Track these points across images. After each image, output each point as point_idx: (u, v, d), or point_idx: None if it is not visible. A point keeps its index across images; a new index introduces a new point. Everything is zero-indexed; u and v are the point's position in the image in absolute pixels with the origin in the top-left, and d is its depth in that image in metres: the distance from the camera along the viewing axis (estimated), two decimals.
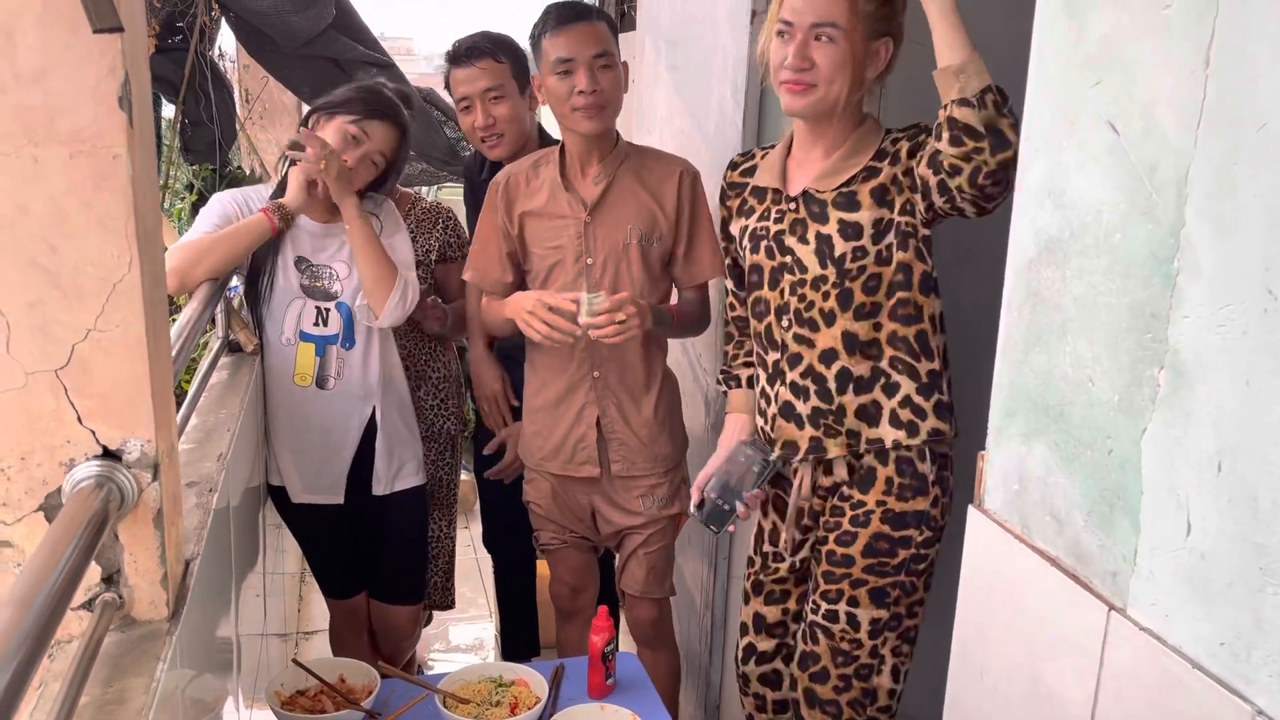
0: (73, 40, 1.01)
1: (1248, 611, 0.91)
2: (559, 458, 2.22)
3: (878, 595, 1.77)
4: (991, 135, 1.46)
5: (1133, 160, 1.03)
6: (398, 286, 2.15)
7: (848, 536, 1.78)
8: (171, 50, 3.65)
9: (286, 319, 2.19)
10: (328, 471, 2.28)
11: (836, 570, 1.79)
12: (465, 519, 4.34)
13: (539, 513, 2.32)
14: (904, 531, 1.75)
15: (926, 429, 1.73)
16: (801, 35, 1.66)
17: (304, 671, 1.82)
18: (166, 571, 1.16)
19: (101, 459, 1.10)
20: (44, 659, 1.03)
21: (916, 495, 1.75)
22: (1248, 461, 0.90)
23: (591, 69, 2.05)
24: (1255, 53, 0.89)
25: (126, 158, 1.04)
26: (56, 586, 0.90)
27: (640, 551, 2.29)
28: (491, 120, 2.40)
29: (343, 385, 2.23)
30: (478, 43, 2.42)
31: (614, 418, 2.18)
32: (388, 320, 2.18)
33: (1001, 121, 1.46)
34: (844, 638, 1.80)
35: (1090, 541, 1.11)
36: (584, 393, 2.17)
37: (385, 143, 2.19)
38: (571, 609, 2.38)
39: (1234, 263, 0.91)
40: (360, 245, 2.12)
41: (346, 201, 2.11)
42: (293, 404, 2.23)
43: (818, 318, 1.77)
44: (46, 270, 1.05)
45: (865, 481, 1.77)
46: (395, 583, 2.45)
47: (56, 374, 1.07)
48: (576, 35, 2.05)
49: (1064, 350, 1.15)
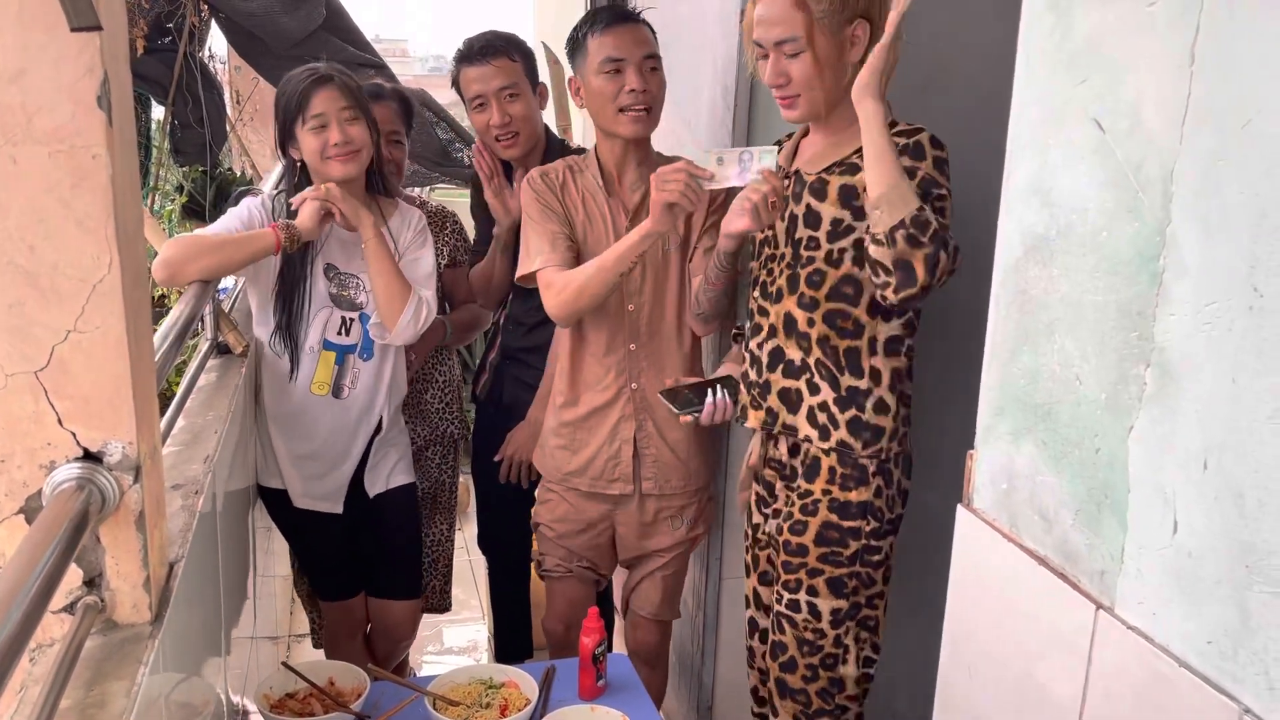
0: (50, 39, 1.00)
1: (1235, 610, 0.90)
2: (588, 474, 2.17)
3: (835, 585, 1.80)
4: (899, 271, 1.55)
5: (1119, 158, 1.03)
6: (411, 304, 2.14)
7: (799, 526, 1.82)
8: (161, 51, 3.63)
9: (313, 328, 2.19)
10: (331, 480, 2.28)
11: (793, 560, 1.83)
12: (459, 521, 4.33)
13: (549, 536, 2.26)
14: (852, 522, 1.78)
15: (836, 438, 1.77)
16: (773, 53, 1.71)
17: (293, 674, 1.81)
18: (149, 574, 1.15)
19: (82, 461, 1.09)
20: (24, 662, 1.02)
21: (858, 485, 1.78)
22: (1234, 459, 0.90)
23: (641, 70, 2.02)
24: (1240, 49, 0.88)
25: (106, 157, 1.03)
26: (35, 589, 0.89)
27: (658, 574, 2.26)
28: (508, 118, 2.38)
29: (355, 395, 2.24)
30: (492, 41, 2.40)
31: (650, 433, 2.13)
32: (399, 339, 2.18)
33: (915, 254, 1.53)
34: (807, 627, 1.83)
35: (1078, 540, 1.11)
36: (621, 406, 2.13)
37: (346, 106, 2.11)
38: (565, 643, 2.29)
39: (1220, 260, 0.91)
40: (374, 262, 2.13)
41: (363, 221, 2.11)
42: (306, 411, 2.22)
43: (774, 293, 1.82)
44: (25, 271, 1.04)
45: (811, 471, 1.81)
46: (393, 579, 2.44)
47: (36, 375, 1.07)
48: (628, 35, 2.03)
49: (1051, 349, 1.15)
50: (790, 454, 1.85)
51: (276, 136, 2.19)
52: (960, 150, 1.79)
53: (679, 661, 2.83)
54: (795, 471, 1.85)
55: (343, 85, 2.11)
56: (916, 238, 1.52)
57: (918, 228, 1.52)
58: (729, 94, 2.35)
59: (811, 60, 1.68)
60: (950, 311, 1.89)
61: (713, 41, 2.46)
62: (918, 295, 1.56)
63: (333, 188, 2.09)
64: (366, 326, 2.22)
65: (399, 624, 2.49)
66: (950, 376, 1.92)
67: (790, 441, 1.84)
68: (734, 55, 2.32)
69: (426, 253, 2.27)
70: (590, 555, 2.26)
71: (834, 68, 1.70)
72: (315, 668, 1.86)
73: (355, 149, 2.11)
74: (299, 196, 2.11)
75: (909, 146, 1.69)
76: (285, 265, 2.16)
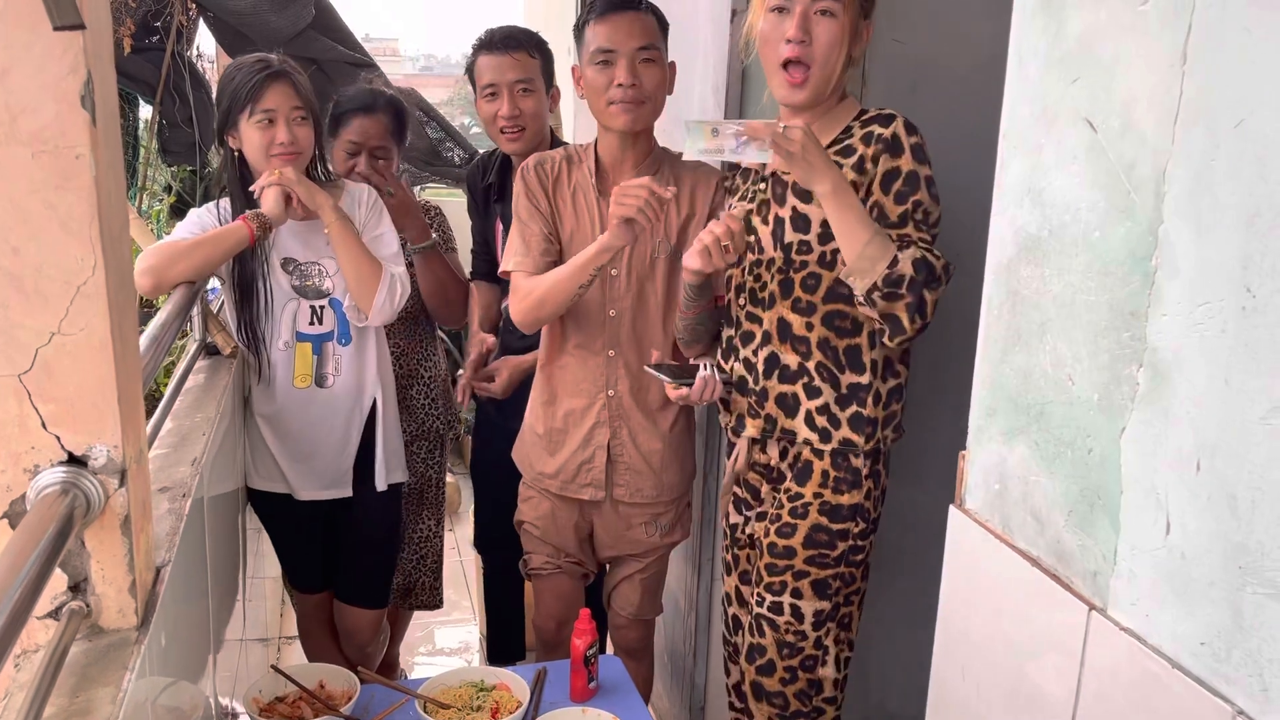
0: (33, 38, 0.99)
1: (1228, 611, 0.90)
2: (560, 476, 2.15)
3: (820, 587, 1.80)
4: (888, 323, 1.63)
5: (1111, 158, 1.03)
6: (384, 283, 2.11)
7: (788, 529, 1.81)
8: (148, 50, 3.61)
9: (282, 323, 2.17)
10: (335, 468, 2.26)
11: (779, 562, 1.81)
12: (450, 521, 4.32)
13: (534, 534, 2.25)
14: (841, 524, 1.79)
15: (838, 438, 1.76)
16: (801, 8, 1.66)
17: (283, 678, 1.80)
18: (135, 579, 1.14)
19: (66, 465, 1.08)
20: (8, 668, 1.01)
21: (851, 489, 1.78)
22: (1227, 460, 0.90)
23: (633, 62, 1.95)
24: (1232, 49, 0.88)
25: (90, 158, 1.02)
26: (20, 594, 0.88)
27: (636, 576, 2.25)
28: (518, 111, 2.37)
29: (341, 381, 2.21)
30: (515, 34, 2.39)
31: (624, 441, 2.11)
32: (378, 319, 2.15)
33: (896, 307, 1.60)
34: (789, 630, 1.82)
35: (1071, 541, 1.11)
36: (596, 411, 2.10)
37: (289, 98, 2.10)
38: (557, 641, 2.28)
39: (1213, 260, 0.91)
40: (341, 245, 2.10)
41: (322, 205, 2.08)
42: (295, 407, 2.20)
43: (765, 299, 1.80)
44: (8, 273, 1.03)
45: (802, 474, 1.80)
46: (358, 586, 2.41)
47: (19, 378, 1.05)
48: (621, 24, 1.96)
49: (1043, 349, 1.15)
50: (780, 457, 1.84)
51: (217, 122, 2.16)
52: (951, 149, 1.79)
53: (671, 662, 2.82)
54: (783, 474, 1.84)
55: (296, 83, 2.09)
56: (894, 293, 1.59)
57: (892, 285, 1.58)
58: (719, 91, 2.35)
59: (844, 27, 1.65)
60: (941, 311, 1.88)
61: (704, 40, 2.45)
62: (913, 337, 1.64)
63: (288, 172, 2.05)
64: (340, 311, 2.18)
65: (360, 629, 2.44)
66: (941, 376, 1.92)
67: (781, 445, 1.83)
68: (724, 54, 2.32)
69: (386, 228, 2.23)
70: (574, 552, 2.24)
71: (847, 50, 1.68)
72: (305, 671, 1.85)
73: (298, 150, 2.09)
74: (257, 184, 2.09)
75: (886, 141, 1.67)
76: (236, 265, 2.13)
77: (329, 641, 2.47)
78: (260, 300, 2.15)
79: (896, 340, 1.64)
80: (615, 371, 2.09)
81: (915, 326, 1.61)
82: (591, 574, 2.33)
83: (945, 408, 1.79)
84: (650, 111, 2.01)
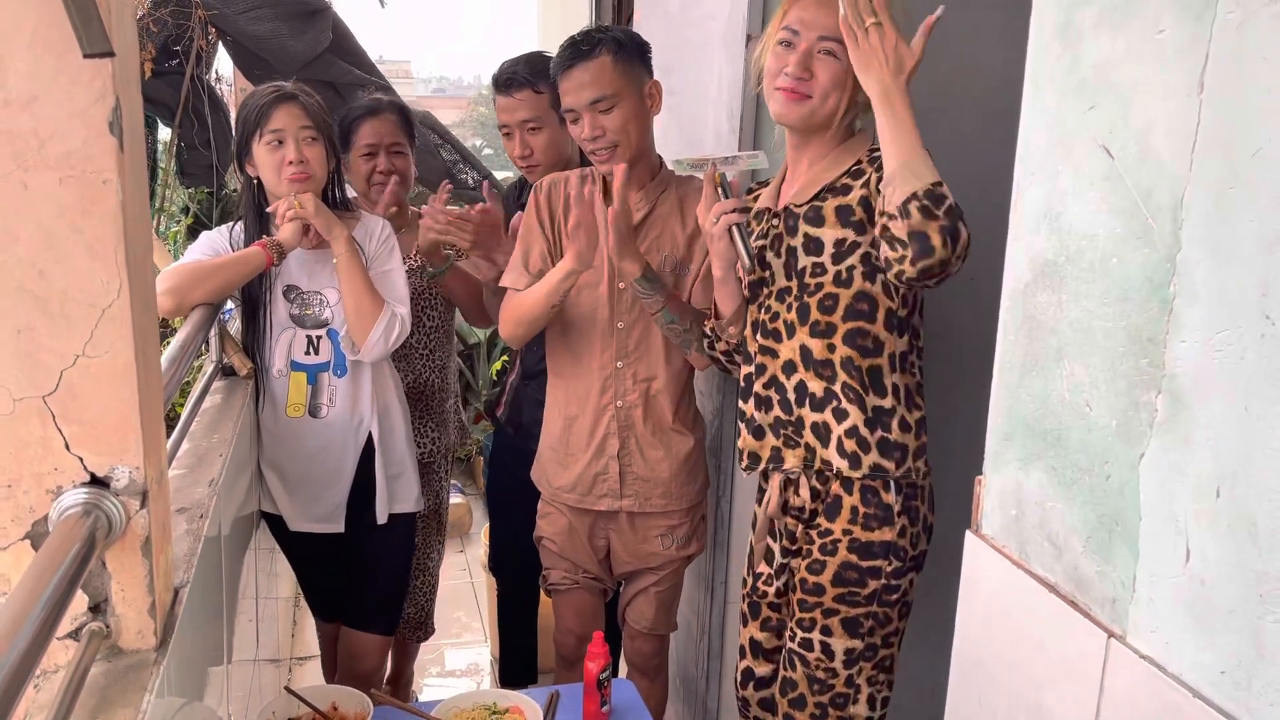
0: (63, 65, 1.00)
1: (1248, 639, 0.90)
2: (576, 490, 2.18)
3: (850, 625, 1.77)
4: (915, 242, 1.50)
5: (1128, 185, 1.03)
6: (382, 320, 2.11)
7: (817, 565, 1.78)
8: (168, 74, 3.66)
9: (277, 350, 2.17)
10: (326, 500, 2.25)
11: (809, 599, 1.79)
12: (460, 543, 4.32)
13: (552, 549, 2.26)
14: (872, 562, 1.74)
15: (868, 463, 1.73)
16: (806, 46, 1.68)
17: (296, 699, 1.79)
18: (155, 600, 1.14)
19: (89, 486, 1.09)
20: (29, 690, 1.02)
21: (882, 525, 1.74)
22: (1247, 487, 0.89)
23: (592, 115, 2.01)
24: (1249, 77, 0.89)
25: (117, 183, 1.03)
26: (42, 616, 0.89)
27: (652, 589, 2.26)
28: (529, 150, 2.42)
29: (335, 413, 2.20)
30: (518, 72, 2.40)
31: (632, 451, 2.14)
32: (369, 355, 2.14)
33: (929, 225, 1.49)
34: (819, 666, 1.80)
35: (1089, 567, 1.10)
36: (606, 423, 2.14)
37: (300, 118, 2.11)
38: (576, 657, 2.27)
39: (1231, 287, 0.91)
40: (345, 276, 2.10)
41: (336, 235, 2.09)
42: (287, 435, 2.20)
43: (781, 329, 1.79)
44: (35, 296, 1.04)
45: (831, 510, 1.77)
46: (366, 612, 2.39)
47: (44, 400, 1.06)
48: (573, 82, 2.02)
49: (1060, 375, 1.15)
50: (812, 498, 1.80)
51: (235, 151, 2.19)
52: (967, 174, 1.79)
53: (683, 685, 2.81)
54: (815, 513, 1.81)
55: (305, 105, 2.10)
56: (930, 209, 1.48)
57: (932, 200, 1.49)
58: (734, 117, 2.36)
59: (847, 69, 1.65)
60: (956, 335, 1.89)
61: (718, 65, 2.47)
62: (936, 268, 1.50)
63: (307, 199, 2.06)
64: (337, 342, 2.18)
65: (364, 654, 2.41)
66: (957, 401, 1.91)
67: (811, 485, 1.79)
68: (739, 79, 2.33)
69: (395, 264, 2.22)
70: (592, 567, 2.26)
71: (853, 89, 1.68)
72: (318, 693, 1.85)
73: (310, 173, 2.10)
74: (275, 206, 2.10)
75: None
76: (243, 288, 2.14)
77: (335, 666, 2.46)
78: (260, 325, 2.17)
79: (920, 266, 1.49)
80: (624, 383, 2.12)
81: (942, 255, 1.48)
82: (610, 590, 2.33)
83: (959, 432, 1.79)
84: (624, 151, 2.05)
